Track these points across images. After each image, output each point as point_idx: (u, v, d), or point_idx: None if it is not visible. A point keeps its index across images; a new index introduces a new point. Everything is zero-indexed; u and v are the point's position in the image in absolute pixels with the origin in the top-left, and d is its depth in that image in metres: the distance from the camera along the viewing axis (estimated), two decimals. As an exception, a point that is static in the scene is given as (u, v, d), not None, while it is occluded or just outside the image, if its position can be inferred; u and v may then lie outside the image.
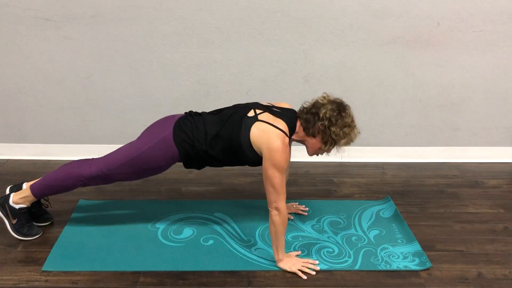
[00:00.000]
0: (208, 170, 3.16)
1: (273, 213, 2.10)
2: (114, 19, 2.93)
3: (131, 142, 2.31)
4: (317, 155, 2.31)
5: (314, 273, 2.14)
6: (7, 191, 2.39)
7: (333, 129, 2.14)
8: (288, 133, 2.18)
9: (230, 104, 3.17)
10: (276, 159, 2.08)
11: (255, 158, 2.19)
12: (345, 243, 2.37)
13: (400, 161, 3.34)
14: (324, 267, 2.18)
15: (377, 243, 2.38)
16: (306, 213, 2.64)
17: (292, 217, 2.57)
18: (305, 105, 2.26)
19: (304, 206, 2.68)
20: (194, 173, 3.11)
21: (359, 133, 2.23)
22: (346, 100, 3.18)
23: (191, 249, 2.29)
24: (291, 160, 3.06)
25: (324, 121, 2.14)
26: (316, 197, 2.82)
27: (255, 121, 2.16)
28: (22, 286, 2.03)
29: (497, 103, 3.22)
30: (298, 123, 2.24)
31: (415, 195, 2.87)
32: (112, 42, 2.99)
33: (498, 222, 2.59)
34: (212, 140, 2.19)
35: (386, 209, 2.69)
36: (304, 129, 2.21)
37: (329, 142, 2.17)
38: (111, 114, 3.19)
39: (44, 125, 3.21)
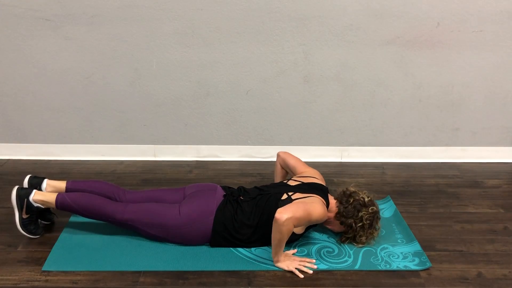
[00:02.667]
0: (208, 170, 3.17)
1: (284, 222, 2.04)
2: (114, 19, 2.93)
3: (171, 206, 2.28)
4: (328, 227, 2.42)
5: (311, 272, 2.14)
6: (26, 182, 2.39)
7: (361, 233, 2.28)
8: (324, 201, 2.27)
9: (230, 104, 3.19)
10: (314, 210, 2.15)
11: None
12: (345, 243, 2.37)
13: (400, 161, 3.34)
14: (324, 267, 2.18)
15: (377, 243, 2.37)
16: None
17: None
18: (342, 190, 2.37)
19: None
20: (194, 173, 3.11)
21: (379, 229, 2.36)
22: (346, 100, 3.21)
23: (191, 249, 2.29)
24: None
25: (359, 223, 2.26)
26: (316, 197, 2.82)
27: (290, 202, 2.20)
28: (22, 286, 2.03)
29: (497, 103, 3.22)
30: (333, 201, 2.34)
31: (415, 195, 2.87)
32: (112, 42, 2.99)
33: (498, 222, 2.59)
34: (250, 230, 2.26)
35: (386, 209, 2.69)
36: (338, 214, 2.29)
37: (349, 237, 2.31)
38: (111, 114, 3.19)
39: (44, 125, 3.21)
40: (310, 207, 2.14)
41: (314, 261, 2.20)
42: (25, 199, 2.29)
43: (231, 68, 3.07)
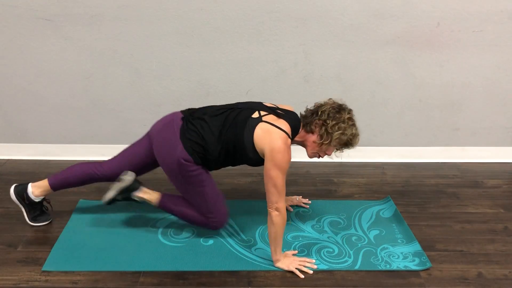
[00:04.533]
0: (208, 170, 3.16)
1: (274, 213, 2.11)
2: (114, 19, 2.93)
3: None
4: (318, 157, 2.31)
5: (311, 272, 2.14)
6: (12, 192, 2.47)
7: (329, 122, 2.17)
8: (290, 134, 2.19)
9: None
10: (278, 160, 2.09)
11: (256, 159, 2.21)
12: (345, 243, 2.37)
13: (400, 161, 3.34)
14: (324, 267, 2.18)
15: (377, 243, 2.38)
16: (308, 206, 2.68)
17: (291, 209, 2.63)
18: (308, 107, 2.30)
19: (307, 199, 2.72)
20: (194, 173, 3.11)
21: (358, 136, 2.24)
22: (346, 100, 3.18)
23: (191, 249, 2.29)
24: (291, 160, 3.05)
25: (322, 116, 2.18)
26: (316, 197, 2.82)
27: (259, 122, 2.18)
28: (22, 286, 2.03)
29: (497, 103, 3.22)
30: (301, 126, 2.26)
31: (415, 195, 2.87)
32: (112, 42, 2.99)
33: (498, 222, 2.59)
34: (217, 142, 2.22)
35: (386, 209, 2.69)
36: (303, 126, 2.24)
37: (324, 136, 2.18)
38: (111, 114, 3.19)
39: (44, 125, 3.21)
40: (278, 172, 2.08)
41: (314, 261, 2.21)
42: (24, 194, 2.42)
43: (231, 68, 3.07)
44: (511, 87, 3.18)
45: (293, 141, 2.27)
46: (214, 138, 2.22)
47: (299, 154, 3.31)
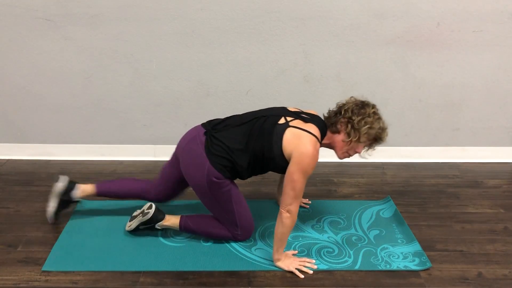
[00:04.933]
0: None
1: (285, 215, 2.09)
2: (114, 19, 2.93)
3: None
4: (348, 156, 2.27)
5: (311, 272, 2.14)
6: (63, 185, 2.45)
7: (354, 118, 2.14)
8: (320, 138, 2.18)
9: (230, 104, 3.19)
10: (305, 164, 2.07)
11: (286, 166, 2.15)
12: (345, 243, 2.37)
13: (400, 161, 3.34)
14: (324, 267, 2.18)
15: (377, 243, 2.38)
16: (308, 206, 2.68)
17: None
18: (330, 109, 2.29)
19: (307, 199, 2.72)
20: (194, 173, 3.11)
21: (386, 129, 2.20)
22: (346, 100, 3.19)
23: (191, 249, 2.29)
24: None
25: (346, 114, 2.16)
26: (316, 197, 2.82)
27: (286, 128, 2.15)
28: (22, 286, 2.03)
29: (497, 103, 3.22)
30: (328, 130, 2.25)
31: (415, 195, 2.87)
32: (112, 42, 2.99)
33: (498, 222, 2.59)
34: (244, 154, 2.19)
35: (386, 209, 2.69)
36: (329, 127, 2.21)
37: (352, 133, 2.15)
38: (111, 114, 3.19)
39: (44, 125, 3.21)
40: (301, 176, 2.06)
41: (314, 261, 2.21)
42: (70, 192, 2.44)
43: (231, 68, 3.07)
44: (511, 87, 3.18)
45: (321, 145, 2.24)
46: (241, 149, 2.18)
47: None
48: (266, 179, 3.02)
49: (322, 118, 2.29)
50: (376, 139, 2.20)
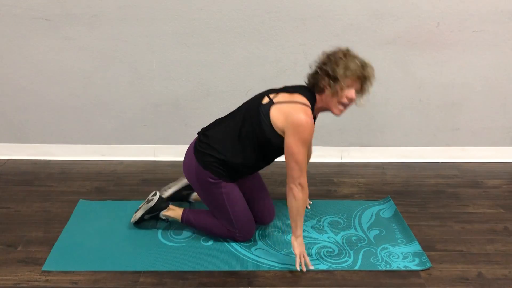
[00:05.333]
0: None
1: (297, 189, 2.06)
2: (114, 19, 2.93)
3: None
4: (344, 108, 2.15)
5: (304, 269, 2.11)
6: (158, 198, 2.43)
7: (328, 68, 2.06)
8: (309, 104, 2.10)
9: (230, 104, 3.18)
10: (302, 133, 2.01)
11: (282, 144, 2.10)
12: (345, 243, 2.37)
13: (400, 161, 3.34)
14: (324, 267, 2.18)
15: (377, 243, 2.37)
16: (309, 207, 2.67)
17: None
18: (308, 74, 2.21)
19: (309, 200, 2.71)
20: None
21: (367, 65, 2.10)
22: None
23: (191, 249, 2.29)
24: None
25: (321, 70, 2.09)
26: (316, 197, 2.82)
27: (271, 105, 2.10)
28: (22, 286, 2.03)
29: (497, 103, 3.22)
30: (315, 94, 2.15)
31: (415, 195, 2.87)
32: (112, 42, 2.99)
33: (498, 222, 2.59)
34: (238, 145, 2.17)
35: (386, 209, 2.69)
36: (315, 91, 2.13)
37: (332, 83, 2.05)
38: (111, 114, 3.19)
39: (44, 125, 3.21)
40: (300, 146, 2.01)
41: (311, 266, 2.15)
42: (158, 213, 2.41)
43: (231, 68, 3.07)
44: (511, 87, 3.18)
45: (316, 110, 2.17)
46: (232, 140, 2.17)
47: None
48: (266, 179, 3.02)
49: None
50: (360, 77, 2.08)
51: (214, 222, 2.33)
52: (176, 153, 3.29)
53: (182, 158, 3.29)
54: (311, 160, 3.29)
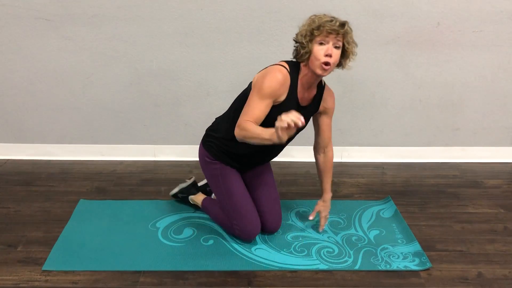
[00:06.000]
0: (208, 170, 3.16)
1: (236, 129, 2.03)
2: (114, 19, 2.93)
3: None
4: (326, 64, 2.05)
5: (292, 124, 1.75)
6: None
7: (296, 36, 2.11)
8: (284, 64, 2.10)
9: (230, 104, 3.18)
10: (259, 82, 2.03)
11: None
12: (345, 243, 2.37)
13: (400, 161, 3.34)
14: (324, 267, 2.18)
15: (377, 243, 2.37)
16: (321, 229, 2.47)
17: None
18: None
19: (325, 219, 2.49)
20: (194, 173, 3.11)
21: (315, 15, 2.10)
22: (346, 100, 3.21)
23: (191, 249, 2.29)
24: (292, 160, 3.08)
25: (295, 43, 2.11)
26: (316, 197, 2.81)
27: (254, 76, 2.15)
28: (22, 286, 2.03)
29: (497, 103, 3.22)
30: (300, 66, 2.14)
31: (415, 195, 2.87)
32: (112, 42, 2.99)
33: (498, 222, 2.59)
34: (231, 121, 2.21)
35: (386, 209, 2.69)
36: (297, 59, 2.13)
37: (298, 45, 2.08)
38: (111, 114, 3.19)
39: (44, 125, 3.21)
40: (253, 94, 2.02)
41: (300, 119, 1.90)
42: (187, 196, 2.62)
43: (231, 68, 3.07)
44: (511, 87, 3.18)
45: (306, 78, 2.12)
46: (227, 119, 2.26)
47: (298, 154, 3.31)
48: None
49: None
50: (315, 28, 2.04)
51: (221, 214, 2.40)
52: (176, 153, 3.29)
53: (182, 158, 3.32)
54: (311, 160, 3.30)
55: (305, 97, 2.21)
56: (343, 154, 3.34)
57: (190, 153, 3.27)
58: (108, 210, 2.62)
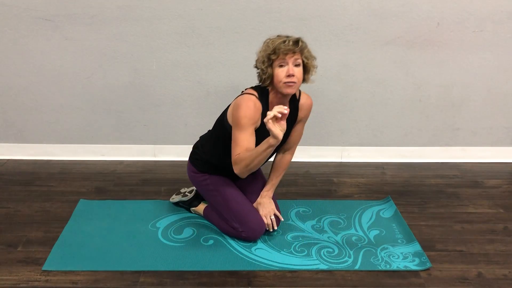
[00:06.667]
0: (208, 170, 3.15)
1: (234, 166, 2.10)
2: (114, 19, 2.93)
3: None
4: (290, 84, 2.12)
5: (279, 115, 1.89)
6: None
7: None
8: (254, 92, 2.17)
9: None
10: (235, 116, 2.10)
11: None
12: (345, 243, 2.37)
13: (400, 161, 3.34)
14: (324, 267, 2.18)
15: (377, 243, 2.37)
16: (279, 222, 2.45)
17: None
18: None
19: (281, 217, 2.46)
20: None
21: (277, 37, 2.15)
22: (346, 100, 3.21)
23: (191, 249, 2.29)
24: (292, 160, 3.06)
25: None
26: (316, 197, 2.82)
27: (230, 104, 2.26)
28: (22, 286, 2.03)
29: (497, 103, 3.22)
30: (269, 90, 2.22)
31: (415, 195, 2.87)
32: (112, 42, 2.99)
33: (498, 222, 2.59)
34: (205, 141, 2.42)
35: (386, 209, 2.69)
36: (262, 83, 2.20)
37: (258, 70, 2.18)
38: (111, 114, 3.19)
39: (44, 125, 3.21)
40: (235, 129, 2.10)
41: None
42: (189, 207, 2.63)
43: (231, 68, 3.07)
44: (511, 87, 3.18)
45: (275, 99, 2.19)
46: (208, 137, 2.42)
47: (298, 154, 3.31)
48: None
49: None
50: (272, 52, 2.09)
51: (222, 221, 2.40)
52: (176, 153, 3.29)
53: (182, 158, 3.32)
54: (311, 160, 3.31)
55: None
56: (343, 154, 3.34)
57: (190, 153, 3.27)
58: (108, 210, 2.62)
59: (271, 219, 2.35)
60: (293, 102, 2.31)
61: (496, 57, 3.08)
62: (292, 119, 2.33)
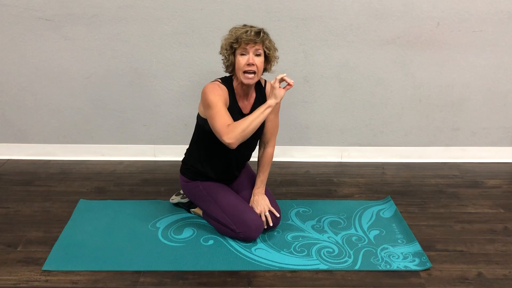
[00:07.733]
0: (208, 170, 3.15)
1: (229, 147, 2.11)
2: (114, 19, 2.93)
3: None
4: (249, 75, 2.18)
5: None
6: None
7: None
8: (218, 80, 2.26)
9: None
10: (205, 99, 2.16)
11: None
12: (345, 243, 2.37)
13: (400, 161, 3.34)
14: (324, 267, 2.18)
15: (377, 243, 2.37)
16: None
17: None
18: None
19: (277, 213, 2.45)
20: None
21: (242, 26, 2.19)
22: (346, 100, 3.21)
23: (191, 249, 2.29)
24: (292, 160, 3.08)
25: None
26: (316, 197, 2.82)
27: None
28: (22, 286, 2.03)
29: (497, 103, 3.22)
30: (233, 79, 2.29)
31: (415, 195, 2.87)
32: (112, 42, 2.99)
33: (498, 222, 2.59)
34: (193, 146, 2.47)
35: (386, 209, 2.69)
36: (226, 70, 2.27)
37: (223, 58, 2.23)
38: (111, 114, 3.19)
39: (44, 125, 3.21)
40: (209, 110, 2.14)
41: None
42: (188, 208, 2.63)
43: (231, 68, 3.07)
44: (511, 87, 3.18)
45: (240, 88, 2.26)
46: (191, 142, 2.47)
47: (298, 154, 3.32)
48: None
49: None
50: (229, 38, 2.16)
51: (219, 224, 2.40)
52: (176, 153, 3.29)
53: (182, 158, 3.31)
54: (311, 160, 3.31)
55: (246, 105, 2.32)
56: (343, 154, 3.34)
57: (190, 153, 3.28)
58: (108, 210, 2.62)
59: (265, 215, 2.36)
60: (260, 90, 2.36)
61: (496, 57, 3.08)
62: None
